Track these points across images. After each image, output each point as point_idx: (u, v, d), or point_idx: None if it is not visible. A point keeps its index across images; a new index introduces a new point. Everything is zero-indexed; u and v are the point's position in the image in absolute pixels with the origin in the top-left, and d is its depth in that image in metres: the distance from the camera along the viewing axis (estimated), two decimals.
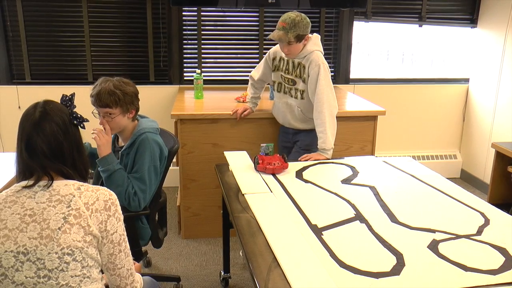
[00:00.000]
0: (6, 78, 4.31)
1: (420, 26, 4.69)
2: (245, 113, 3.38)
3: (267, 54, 3.28)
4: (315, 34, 3.08)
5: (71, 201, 1.48)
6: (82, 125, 1.63)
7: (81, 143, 1.63)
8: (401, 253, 1.74)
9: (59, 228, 1.45)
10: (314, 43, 3.05)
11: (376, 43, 4.95)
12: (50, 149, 1.52)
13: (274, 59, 3.23)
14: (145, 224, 2.57)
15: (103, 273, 1.63)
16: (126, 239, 1.61)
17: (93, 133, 2.38)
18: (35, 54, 4.32)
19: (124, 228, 1.61)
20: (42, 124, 1.52)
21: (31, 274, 1.45)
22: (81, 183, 1.55)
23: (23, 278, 1.45)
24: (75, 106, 1.65)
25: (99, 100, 2.33)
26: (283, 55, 3.12)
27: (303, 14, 2.94)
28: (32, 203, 1.48)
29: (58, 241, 1.44)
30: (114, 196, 1.58)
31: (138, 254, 2.55)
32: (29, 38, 4.26)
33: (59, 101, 1.64)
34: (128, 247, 1.63)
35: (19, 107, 4.28)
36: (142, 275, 1.87)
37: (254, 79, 3.39)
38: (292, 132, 3.29)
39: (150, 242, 2.65)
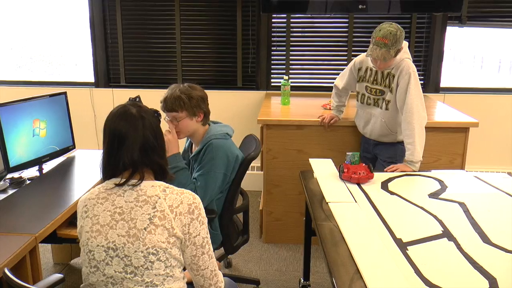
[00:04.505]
0: (104, 81, 4.62)
1: None
2: (332, 121, 3.37)
3: (352, 63, 3.23)
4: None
5: (156, 202, 1.56)
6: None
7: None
8: (494, 277, 1.64)
9: (145, 229, 1.53)
10: (404, 51, 2.96)
11: (469, 49, 4.72)
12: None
13: (359, 69, 3.17)
14: (215, 229, 2.58)
15: (185, 270, 1.69)
16: (210, 241, 1.67)
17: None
18: (130, 59, 4.59)
19: (208, 231, 1.66)
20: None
21: (119, 269, 1.54)
22: (167, 185, 1.63)
23: (112, 272, 1.55)
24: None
25: (166, 105, 2.46)
26: (371, 65, 3.06)
27: (398, 25, 2.85)
28: (122, 201, 1.58)
29: (143, 240, 1.52)
30: (198, 199, 1.64)
31: None
32: (125, 44, 4.54)
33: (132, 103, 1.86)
34: (212, 249, 1.68)
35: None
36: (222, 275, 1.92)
37: (339, 88, 3.36)
38: (372, 143, 3.23)
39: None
